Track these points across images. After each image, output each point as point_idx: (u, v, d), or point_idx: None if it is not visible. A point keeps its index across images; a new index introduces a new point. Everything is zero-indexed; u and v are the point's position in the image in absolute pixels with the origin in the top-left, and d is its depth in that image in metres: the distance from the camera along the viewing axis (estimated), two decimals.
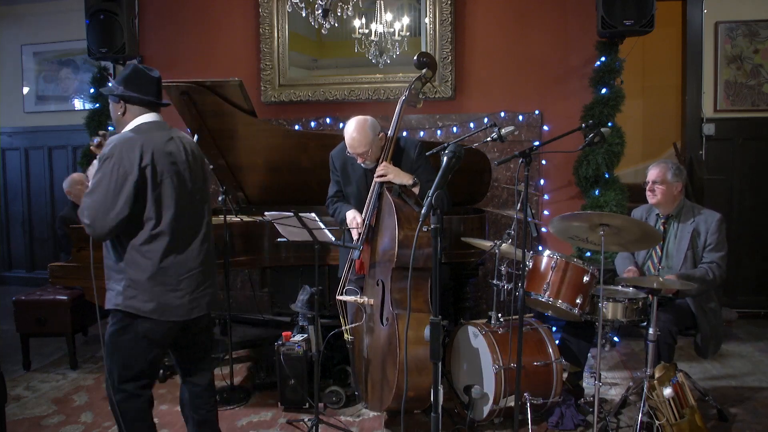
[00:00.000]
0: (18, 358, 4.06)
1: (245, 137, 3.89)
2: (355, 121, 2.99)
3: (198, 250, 2.37)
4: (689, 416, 2.69)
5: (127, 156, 2.18)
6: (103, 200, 2.16)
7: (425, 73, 3.14)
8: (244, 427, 3.17)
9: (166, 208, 2.26)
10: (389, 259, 2.83)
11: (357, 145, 2.97)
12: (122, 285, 2.25)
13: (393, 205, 2.83)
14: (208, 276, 2.43)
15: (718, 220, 3.16)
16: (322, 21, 3.87)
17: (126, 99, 2.31)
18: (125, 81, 2.32)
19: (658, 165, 3.25)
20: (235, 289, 5.22)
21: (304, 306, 3.41)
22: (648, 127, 6.32)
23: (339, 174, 3.25)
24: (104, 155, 2.19)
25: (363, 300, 3.02)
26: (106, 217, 2.15)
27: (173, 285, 2.29)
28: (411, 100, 3.14)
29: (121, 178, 2.16)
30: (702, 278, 3.07)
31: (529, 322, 3.22)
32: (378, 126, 3.04)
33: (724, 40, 5.03)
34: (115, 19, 4.87)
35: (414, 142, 3.17)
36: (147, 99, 2.34)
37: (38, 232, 6.46)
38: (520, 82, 4.80)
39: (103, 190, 2.16)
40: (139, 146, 2.20)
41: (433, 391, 1.86)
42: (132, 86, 2.31)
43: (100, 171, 2.18)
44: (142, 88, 2.32)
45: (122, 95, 2.31)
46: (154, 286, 2.25)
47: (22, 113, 6.39)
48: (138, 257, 2.24)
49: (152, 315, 2.26)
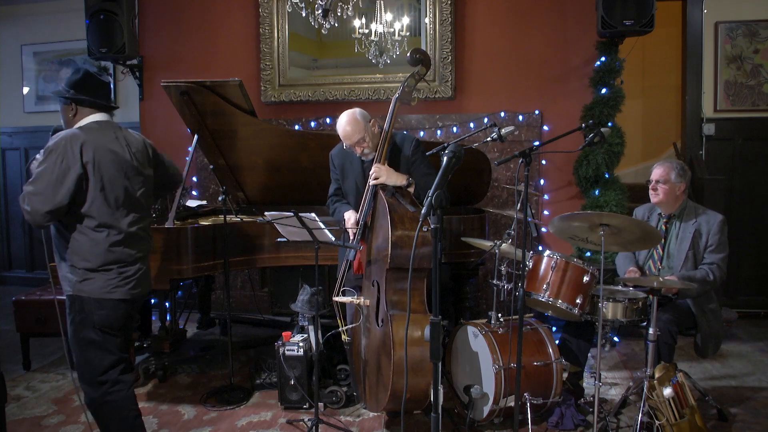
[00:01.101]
0: (18, 358, 4.06)
1: (245, 137, 3.89)
2: (345, 115, 3.03)
3: (137, 237, 2.56)
4: (689, 416, 2.69)
5: (70, 150, 2.33)
6: (44, 189, 2.30)
7: (419, 69, 3.10)
8: (244, 427, 3.17)
9: (104, 199, 2.44)
10: (383, 259, 2.83)
11: (351, 134, 2.99)
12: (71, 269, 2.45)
13: (387, 205, 2.83)
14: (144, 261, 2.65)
15: (720, 221, 3.15)
16: (322, 21, 3.88)
17: (78, 102, 2.47)
18: (76, 85, 2.46)
19: (662, 164, 3.24)
20: (235, 289, 5.22)
21: (304, 306, 3.41)
22: (648, 127, 6.32)
23: (338, 172, 3.27)
24: (49, 148, 2.35)
25: (359, 301, 3.03)
26: (45, 205, 2.30)
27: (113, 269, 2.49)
28: (405, 98, 3.10)
29: (63, 170, 2.32)
30: (702, 279, 3.07)
31: (529, 322, 3.22)
32: (367, 114, 3.06)
33: (724, 40, 5.03)
34: (115, 19, 4.87)
35: (410, 138, 3.17)
36: (99, 102, 2.51)
37: (38, 232, 6.42)
38: (520, 82, 4.80)
39: (45, 180, 2.30)
40: (80, 143, 2.36)
41: (433, 391, 1.85)
42: (84, 90, 2.46)
43: (45, 162, 2.32)
44: (94, 92, 2.49)
45: (74, 98, 2.46)
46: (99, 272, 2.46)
47: (22, 113, 6.38)
48: (84, 244, 2.43)
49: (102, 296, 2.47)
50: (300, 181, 4.10)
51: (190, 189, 5.18)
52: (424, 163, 3.10)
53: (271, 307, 4.75)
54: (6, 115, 6.38)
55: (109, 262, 2.45)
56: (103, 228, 2.43)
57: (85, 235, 2.41)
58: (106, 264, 2.44)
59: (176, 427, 3.17)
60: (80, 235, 2.41)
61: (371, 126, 3.04)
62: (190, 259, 3.47)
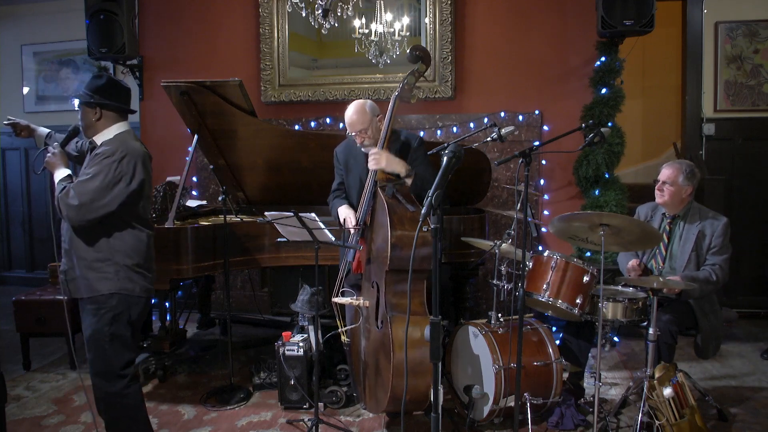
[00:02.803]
0: (18, 358, 4.06)
1: (245, 137, 3.89)
2: (355, 104, 3.07)
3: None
4: (689, 416, 2.69)
5: (127, 163, 2.45)
6: (95, 190, 2.39)
7: (419, 67, 3.05)
8: (244, 427, 3.17)
9: (147, 200, 2.62)
10: (383, 260, 2.82)
11: (355, 122, 3.00)
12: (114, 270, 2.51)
13: (386, 206, 2.80)
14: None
15: (724, 224, 3.15)
16: (322, 21, 3.88)
17: (104, 106, 2.53)
18: (101, 90, 2.52)
19: (671, 166, 3.21)
20: (235, 289, 5.22)
21: (304, 306, 3.41)
22: (648, 127, 6.31)
23: (342, 167, 3.30)
24: (106, 153, 2.44)
25: (359, 302, 3.02)
26: (93, 205, 2.39)
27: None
28: (404, 96, 3.06)
29: (116, 177, 2.42)
30: (706, 280, 3.07)
31: (529, 322, 3.22)
32: (377, 109, 3.08)
33: (724, 40, 5.03)
34: (115, 19, 4.87)
35: (415, 136, 3.20)
36: (124, 108, 2.59)
37: (38, 232, 6.45)
38: (520, 82, 4.80)
39: (98, 182, 2.40)
40: (136, 157, 2.48)
41: (433, 391, 1.85)
42: (109, 95, 2.53)
43: (98, 165, 2.42)
44: (119, 97, 2.57)
45: (101, 103, 2.52)
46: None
47: (22, 113, 6.37)
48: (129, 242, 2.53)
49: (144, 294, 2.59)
50: (300, 181, 4.10)
51: (190, 189, 5.18)
52: (424, 162, 3.11)
53: (271, 307, 4.75)
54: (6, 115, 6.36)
55: (149, 259, 2.60)
56: (144, 227, 2.58)
57: (131, 233, 2.53)
58: (147, 262, 2.58)
59: (176, 427, 3.17)
60: (127, 233, 2.52)
61: (377, 120, 3.05)
62: (190, 259, 3.47)
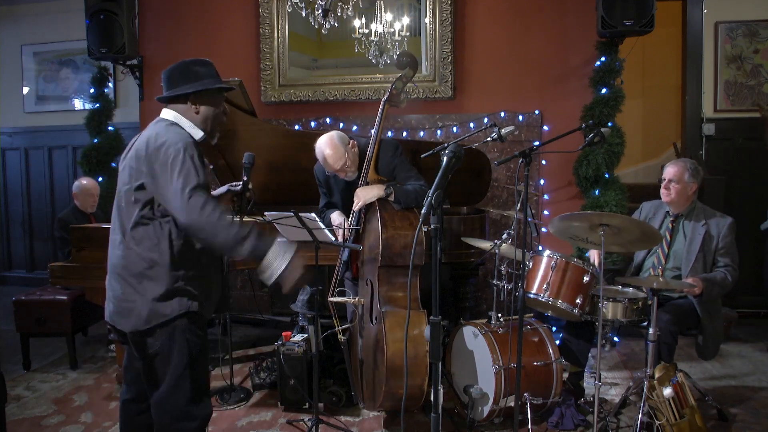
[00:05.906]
0: (18, 358, 4.06)
1: (245, 137, 3.88)
2: (323, 141, 3.04)
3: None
4: (689, 416, 2.69)
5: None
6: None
7: (406, 72, 3.16)
8: (244, 427, 3.17)
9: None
10: (375, 257, 2.88)
11: (333, 161, 3.02)
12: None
13: (376, 206, 2.92)
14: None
15: (729, 224, 3.16)
16: (322, 21, 3.88)
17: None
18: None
19: (676, 163, 3.24)
20: (235, 289, 5.22)
21: (304, 306, 3.42)
22: (648, 127, 6.32)
23: (324, 188, 3.34)
24: (173, 145, 2.16)
25: (354, 300, 3.05)
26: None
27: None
28: (393, 100, 3.15)
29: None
30: (723, 282, 3.08)
31: (529, 322, 3.22)
32: (345, 137, 3.09)
33: (724, 40, 5.03)
34: (115, 19, 4.87)
35: (393, 143, 3.21)
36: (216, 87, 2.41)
37: (38, 232, 6.46)
38: (520, 82, 4.80)
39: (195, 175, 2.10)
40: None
41: (433, 391, 1.86)
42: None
43: (180, 162, 2.11)
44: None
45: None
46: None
47: (22, 113, 6.39)
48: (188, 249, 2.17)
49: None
50: (300, 181, 4.09)
51: None
52: (404, 168, 3.13)
53: (271, 307, 4.76)
54: (6, 115, 6.38)
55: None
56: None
57: (187, 240, 2.16)
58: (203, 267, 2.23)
59: None
60: (184, 240, 2.15)
61: (351, 148, 3.08)
62: None
